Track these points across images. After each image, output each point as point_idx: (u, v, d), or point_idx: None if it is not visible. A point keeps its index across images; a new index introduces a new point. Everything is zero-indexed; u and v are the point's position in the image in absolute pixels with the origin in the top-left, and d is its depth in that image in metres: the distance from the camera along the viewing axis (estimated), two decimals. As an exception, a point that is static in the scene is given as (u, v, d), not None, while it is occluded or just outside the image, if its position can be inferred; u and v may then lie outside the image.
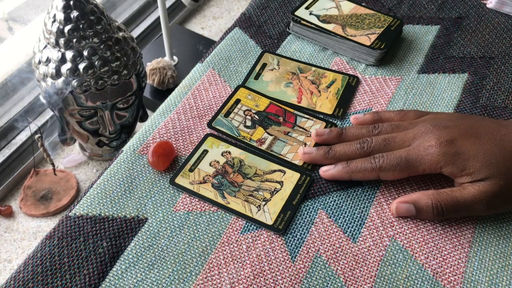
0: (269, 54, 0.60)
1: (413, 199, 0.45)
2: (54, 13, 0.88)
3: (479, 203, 0.43)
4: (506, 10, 0.66)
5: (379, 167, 0.45)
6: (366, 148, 0.47)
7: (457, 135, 0.45)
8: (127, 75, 0.97)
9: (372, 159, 0.46)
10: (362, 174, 0.46)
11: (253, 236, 0.44)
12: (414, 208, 0.44)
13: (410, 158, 0.44)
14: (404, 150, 0.45)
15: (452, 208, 0.43)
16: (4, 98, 1.22)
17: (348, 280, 0.42)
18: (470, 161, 0.43)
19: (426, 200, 0.44)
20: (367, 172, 0.46)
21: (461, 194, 0.43)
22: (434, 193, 0.44)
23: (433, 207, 0.44)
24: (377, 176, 0.46)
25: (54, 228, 0.44)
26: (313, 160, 0.48)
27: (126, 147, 0.50)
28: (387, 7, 0.67)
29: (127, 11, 1.52)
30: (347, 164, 0.46)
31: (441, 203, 0.43)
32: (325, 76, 0.57)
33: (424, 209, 0.44)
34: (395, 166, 0.45)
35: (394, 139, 0.47)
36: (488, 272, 0.43)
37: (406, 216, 0.45)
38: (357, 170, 0.46)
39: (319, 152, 0.48)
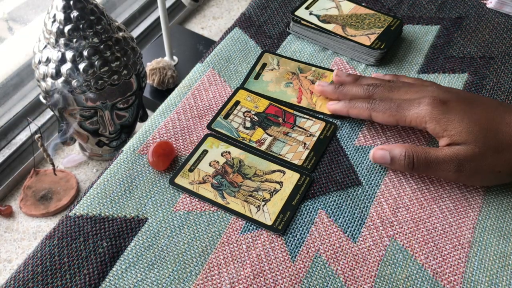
0: (269, 54, 0.60)
1: (389, 147, 0.47)
2: (54, 13, 0.88)
3: (449, 164, 0.45)
4: (506, 10, 0.66)
5: (372, 107, 0.49)
6: (371, 90, 0.50)
7: (453, 99, 0.47)
8: (127, 75, 0.97)
9: (370, 99, 0.49)
10: (357, 111, 0.50)
11: (253, 236, 0.44)
12: (389, 155, 0.47)
13: (401, 105, 0.47)
14: (400, 99, 0.48)
15: (422, 162, 0.45)
16: (4, 98, 1.23)
17: (348, 280, 0.42)
18: (453, 123, 0.45)
19: (400, 149, 0.47)
20: (361, 110, 0.49)
21: (435, 152, 0.45)
22: (410, 146, 0.47)
23: (405, 156, 0.46)
24: (369, 115, 0.49)
25: (54, 228, 0.44)
26: (323, 92, 0.54)
27: (126, 147, 0.50)
28: (387, 7, 0.67)
29: (127, 11, 1.52)
30: (349, 101, 0.51)
31: (414, 155, 0.46)
32: (325, 76, 0.57)
33: (397, 157, 0.46)
34: (385, 109, 0.48)
35: (398, 89, 0.49)
36: (488, 272, 0.43)
37: (380, 162, 0.48)
38: (354, 106, 0.50)
39: (331, 86, 0.53)
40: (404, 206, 0.46)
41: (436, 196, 0.47)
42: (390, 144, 0.49)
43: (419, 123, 0.46)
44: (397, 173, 0.49)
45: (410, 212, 0.46)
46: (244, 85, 0.56)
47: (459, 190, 0.48)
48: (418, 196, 0.47)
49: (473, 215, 0.46)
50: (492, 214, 0.46)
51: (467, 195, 0.47)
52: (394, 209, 0.46)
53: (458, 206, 0.46)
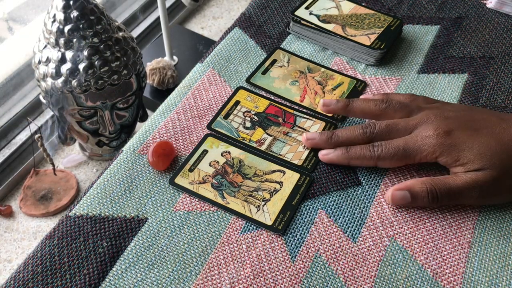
0: (281, 50, 0.60)
1: (407, 186, 0.45)
2: (54, 13, 0.88)
3: (471, 191, 0.44)
4: (506, 10, 0.66)
5: (377, 156, 0.46)
6: (369, 133, 0.47)
7: (455, 126, 0.46)
8: (127, 75, 0.97)
9: (371, 147, 0.47)
10: (360, 161, 0.47)
11: (253, 236, 0.44)
12: (410, 194, 0.45)
13: (408, 147, 0.46)
14: (402, 139, 0.46)
15: (445, 194, 0.44)
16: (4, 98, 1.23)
17: (348, 280, 0.42)
18: (464, 152, 0.44)
19: (420, 186, 0.45)
20: (365, 160, 0.47)
21: (454, 181, 0.44)
22: (428, 180, 0.45)
23: (428, 191, 0.44)
24: (375, 164, 0.47)
25: (54, 228, 0.44)
26: (315, 145, 0.49)
27: (126, 147, 0.50)
28: (387, 7, 0.67)
29: (127, 11, 1.52)
30: (347, 150, 0.47)
31: (436, 188, 0.44)
32: (333, 78, 0.57)
33: (419, 194, 0.45)
34: (392, 156, 0.46)
35: (396, 126, 0.47)
36: (488, 273, 0.43)
37: (401, 203, 0.46)
38: (356, 157, 0.47)
39: (322, 137, 0.49)
40: (404, 206, 0.46)
41: (436, 196, 0.47)
42: (405, 182, 0.46)
43: (430, 159, 0.46)
44: (397, 173, 0.49)
45: (410, 212, 0.46)
46: (251, 79, 0.56)
47: (459, 190, 0.48)
48: (418, 196, 0.47)
49: (473, 216, 0.46)
50: (492, 214, 0.46)
51: (467, 195, 0.47)
52: (394, 209, 0.46)
53: (458, 207, 0.46)
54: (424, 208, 0.46)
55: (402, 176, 0.48)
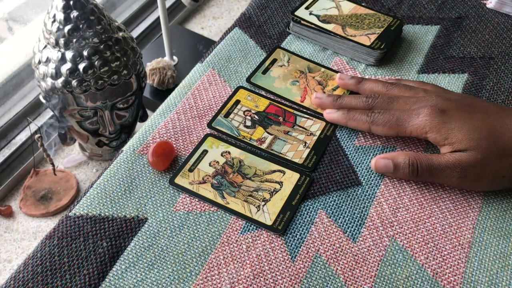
0: (281, 50, 0.60)
1: (392, 156, 0.47)
2: (54, 13, 0.88)
3: (452, 170, 0.45)
4: (506, 10, 0.66)
5: (372, 121, 0.49)
6: (371, 102, 0.50)
7: (452, 107, 0.47)
8: (127, 75, 0.97)
9: (369, 112, 0.49)
10: (356, 123, 0.50)
11: (253, 236, 0.44)
12: (392, 164, 0.47)
13: (401, 117, 0.47)
14: (398, 110, 0.48)
15: (426, 169, 0.46)
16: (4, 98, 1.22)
17: (348, 280, 0.42)
18: (453, 131, 0.45)
19: (403, 157, 0.47)
20: (360, 122, 0.49)
21: (437, 158, 0.46)
22: (412, 153, 0.47)
23: (409, 164, 0.46)
24: (369, 128, 0.49)
25: (54, 228, 0.44)
26: (321, 104, 0.53)
27: (126, 147, 0.50)
28: (387, 7, 0.67)
29: (127, 11, 1.52)
30: (347, 111, 0.51)
31: (417, 162, 0.46)
32: (333, 78, 0.57)
33: (400, 165, 0.47)
34: (385, 122, 0.48)
35: (398, 100, 0.49)
36: (488, 273, 0.43)
37: (383, 172, 0.48)
38: (353, 118, 0.50)
39: (328, 98, 0.53)
40: (404, 206, 0.46)
41: (436, 196, 0.47)
42: (391, 153, 0.48)
43: (420, 134, 0.47)
44: (397, 173, 0.49)
45: (410, 212, 0.46)
46: (251, 79, 0.56)
47: (459, 190, 0.48)
48: (418, 196, 0.47)
49: (473, 215, 0.46)
50: (492, 215, 0.46)
51: (467, 195, 0.47)
52: (394, 209, 0.46)
53: (458, 206, 0.46)
54: (424, 208, 0.46)
55: (402, 176, 0.49)
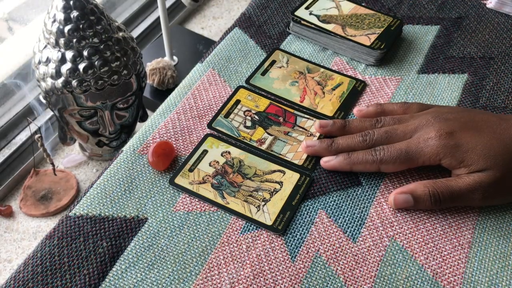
0: (280, 51, 0.60)
1: (410, 189, 0.45)
2: (54, 13, 0.88)
3: (474, 193, 0.44)
4: (506, 10, 0.66)
5: (380, 160, 0.46)
6: (368, 140, 0.47)
7: (457, 127, 0.45)
8: (127, 75, 0.97)
9: (373, 151, 0.46)
10: (363, 166, 0.47)
11: (253, 236, 0.44)
12: (412, 198, 0.45)
13: (410, 150, 0.45)
14: (404, 142, 0.46)
15: (448, 196, 0.44)
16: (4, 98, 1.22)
17: (348, 280, 0.42)
18: (468, 153, 0.44)
19: (423, 189, 0.45)
20: (368, 164, 0.46)
21: (457, 183, 0.44)
22: (430, 182, 0.45)
23: (430, 195, 0.44)
24: (378, 168, 0.47)
25: (54, 228, 0.44)
26: (316, 153, 0.49)
27: (126, 147, 0.50)
28: (387, 7, 0.67)
29: (127, 11, 1.52)
30: (349, 155, 0.47)
31: (438, 191, 0.44)
32: (332, 78, 0.57)
33: (421, 198, 0.44)
34: (395, 159, 0.45)
35: (395, 131, 0.47)
36: (488, 273, 0.43)
37: (404, 207, 0.45)
38: (358, 162, 0.47)
39: (322, 144, 0.49)
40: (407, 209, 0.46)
41: (436, 196, 0.47)
42: (407, 185, 0.46)
43: (433, 162, 0.45)
44: (397, 173, 0.49)
45: (410, 212, 0.46)
46: (250, 80, 0.56)
47: (459, 190, 0.48)
48: (418, 196, 0.47)
49: (473, 216, 0.46)
50: (492, 215, 0.46)
51: (467, 195, 0.47)
52: (394, 209, 0.46)
53: (458, 207, 0.46)
54: (424, 208, 0.46)
55: (402, 176, 0.48)
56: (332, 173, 0.49)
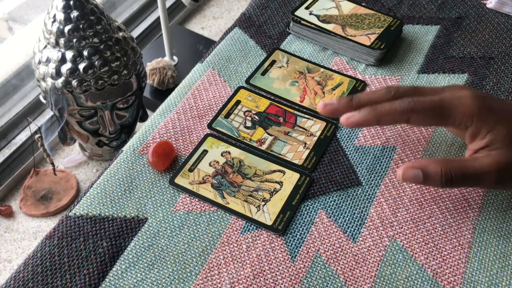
0: (280, 51, 0.60)
1: (422, 165, 0.41)
2: (54, 13, 0.88)
3: (489, 175, 0.41)
4: (506, 10, 0.66)
5: (412, 108, 0.41)
6: (394, 93, 0.43)
7: (488, 96, 0.43)
8: (127, 75, 0.97)
9: (404, 100, 0.42)
10: (391, 117, 0.42)
11: (253, 236, 0.44)
12: (422, 174, 0.41)
13: (445, 103, 0.42)
14: (437, 95, 0.42)
15: (461, 177, 0.41)
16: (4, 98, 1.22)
17: (348, 280, 0.42)
18: (498, 125, 0.41)
19: (435, 167, 0.41)
20: (397, 114, 0.42)
21: (472, 163, 0.41)
22: (444, 160, 0.41)
23: (443, 174, 0.41)
24: (407, 120, 0.42)
25: (54, 228, 0.44)
26: (335, 111, 0.44)
27: (126, 147, 0.50)
28: (387, 7, 0.67)
29: (127, 11, 1.52)
30: (374, 107, 0.42)
31: (451, 171, 0.41)
32: (332, 78, 0.57)
33: (432, 175, 0.41)
34: (428, 109, 0.42)
35: (423, 88, 0.44)
36: (488, 273, 0.43)
37: (412, 182, 0.42)
38: (386, 112, 0.42)
39: (341, 101, 0.44)
40: (404, 206, 0.46)
41: (436, 197, 0.47)
42: (420, 161, 0.42)
43: (465, 121, 0.42)
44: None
45: (410, 212, 0.46)
46: (250, 80, 0.56)
47: (458, 190, 0.48)
48: (418, 196, 0.47)
49: (473, 216, 0.46)
50: (492, 215, 0.46)
51: (466, 195, 0.47)
52: (394, 209, 0.46)
53: (458, 207, 0.46)
54: (424, 208, 0.46)
55: (402, 176, 0.48)
56: (332, 173, 0.49)
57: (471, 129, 0.42)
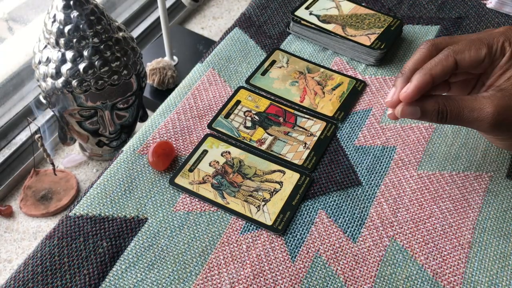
0: (280, 51, 0.60)
1: (420, 102, 0.43)
2: (54, 13, 0.88)
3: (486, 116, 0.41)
4: (506, 10, 0.66)
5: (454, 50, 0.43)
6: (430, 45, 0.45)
7: None
8: (127, 75, 0.97)
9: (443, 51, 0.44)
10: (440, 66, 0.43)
11: (253, 236, 0.44)
12: (420, 111, 0.42)
13: (481, 36, 0.44)
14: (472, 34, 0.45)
15: (456, 115, 0.42)
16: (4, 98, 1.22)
17: (348, 280, 0.42)
18: None
19: (433, 104, 0.42)
20: (443, 61, 0.43)
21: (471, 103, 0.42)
22: (442, 99, 0.42)
23: (439, 110, 0.42)
24: (454, 62, 0.43)
25: (54, 228, 0.44)
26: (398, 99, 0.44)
27: (126, 147, 0.50)
28: (387, 7, 0.67)
29: (127, 11, 1.52)
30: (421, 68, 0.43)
31: (447, 109, 0.42)
32: (332, 78, 0.57)
33: (429, 112, 0.42)
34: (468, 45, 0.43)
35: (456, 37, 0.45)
36: (488, 273, 0.43)
37: (409, 117, 0.43)
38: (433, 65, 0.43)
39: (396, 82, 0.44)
40: (404, 206, 0.46)
41: (436, 197, 0.47)
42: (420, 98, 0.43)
43: (506, 38, 0.43)
44: (397, 173, 0.49)
45: (410, 212, 0.46)
46: (250, 80, 0.56)
47: (458, 190, 0.48)
48: (418, 196, 0.47)
49: (473, 216, 0.46)
50: (492, 215, 0.46)
51: (466, 195, 0.47)
52: (394, 209, 0.46)
53: (458, 207, 0.46)
54: (424, 208, 0.46)
55: (402, 176, 0.49)
56: (332, 173, 0.49)
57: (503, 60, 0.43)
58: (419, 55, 0.45)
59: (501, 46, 0.43)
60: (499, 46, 0.43)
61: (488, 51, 0.43)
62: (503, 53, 0.43)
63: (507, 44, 0.43)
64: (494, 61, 0.44)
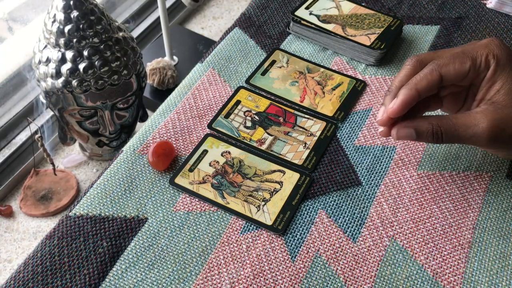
0: (280, 51, 0.60)
1: (414, 124, 0.44)
2: (54, 13, 0.88)
3: (482, 132, 0.42)
4: (506, 10, 0.66)
5: (438, 64, 0.44)
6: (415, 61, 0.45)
7: None
8: (127, 75, 0.97)
9: (428, 65, 0.44)
10: (426, 81, 0.43)
11: (253, 236, 0.44)
12: (415, 133, 0.43)
13: (464, 48, 0.44)
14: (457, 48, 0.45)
15: (451, 134, 0.43)
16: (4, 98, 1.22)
17: (348, 280, 0.42)
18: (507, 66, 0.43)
19: (427, 126, 0.43)
20: (428, 75, 0.43)
21: (465, 120, 0.42)
22: (435, 119, 0.43)
23: (434, 133, 0.43)
24: (439, 75, 0.44)
25: (54, 228, 0.44)
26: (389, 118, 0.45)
27: (126, 147, 0.50)
28: (387, 7, 0.67)
29: (127, 11, 1.52)
30: (407, 83, 0.44)
31: (441, 129, 0.43)
32: (332, 78, 0.57)
33: (424, 133, 0.43)
34: (452, 58, 0.44)
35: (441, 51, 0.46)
36: (488, 273, 0.43)
37: (405, 139, 0.44)
38: (419, 80, 0.44)
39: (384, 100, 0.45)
40: (404, 206, 0.46)
41: (436, 196, 0.47)
42: (413, 120, 0.44)
43: (489, 51, 0.43)
44: (397, 173, 0.49)
45: (410, 212, 0.46)
46: (250, 80, 0.56)
47: (458, 190, 0.48)
48: (418, 196, 0.47)
49: (473, 216, 0.46)
50: (492, 215, 0.46)
51: (466, 195, 0.47)
52: (394, 209, 0.46)
53: (458, 207, 0.46)
54: (424, 208, 0.46)
55: (402, 176, 0.49)
56: (332, 173, 0.49)
57: (488, 73, 0.43)
58: (405, 72, 0.45)
59: (485, 59, 0.44)
60: (483, 59, 0.44)
61: (472, 63, 0.44)
62: (487, 65, 0.44)
63: (491, 57, 0.44)
64: (480, 74, 0.44)
